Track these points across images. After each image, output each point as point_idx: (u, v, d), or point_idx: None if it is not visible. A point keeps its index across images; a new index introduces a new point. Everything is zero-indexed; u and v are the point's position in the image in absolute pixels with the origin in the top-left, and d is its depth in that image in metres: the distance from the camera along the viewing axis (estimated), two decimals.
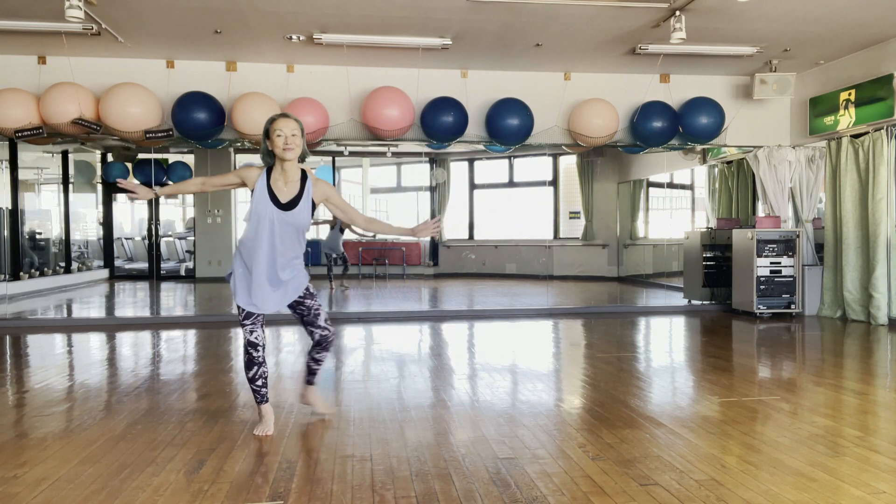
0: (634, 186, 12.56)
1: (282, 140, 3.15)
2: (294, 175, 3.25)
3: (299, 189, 3.24)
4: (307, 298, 3.36)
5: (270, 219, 3.20)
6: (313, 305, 3.37)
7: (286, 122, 3.18)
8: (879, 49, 7.02)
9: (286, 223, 3.21)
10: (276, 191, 3.22)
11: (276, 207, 3.20)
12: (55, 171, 12.26)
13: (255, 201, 3.22)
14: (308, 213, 3.25)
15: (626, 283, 12.29)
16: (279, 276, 3.24)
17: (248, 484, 2.66)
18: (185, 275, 13.54)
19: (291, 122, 3.19)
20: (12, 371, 4.98)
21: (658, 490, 2.58)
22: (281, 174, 3.23)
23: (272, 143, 3.19)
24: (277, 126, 3.17)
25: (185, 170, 13.46)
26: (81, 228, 13.36)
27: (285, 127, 3.16)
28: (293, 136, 3.16)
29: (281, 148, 3.16)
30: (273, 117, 3.21)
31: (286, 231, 3.22)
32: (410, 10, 5.97)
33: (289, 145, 3.15)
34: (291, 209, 3.21)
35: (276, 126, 3.17)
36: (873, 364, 5.06)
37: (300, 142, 3.19)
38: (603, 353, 5.60)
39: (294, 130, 3.17)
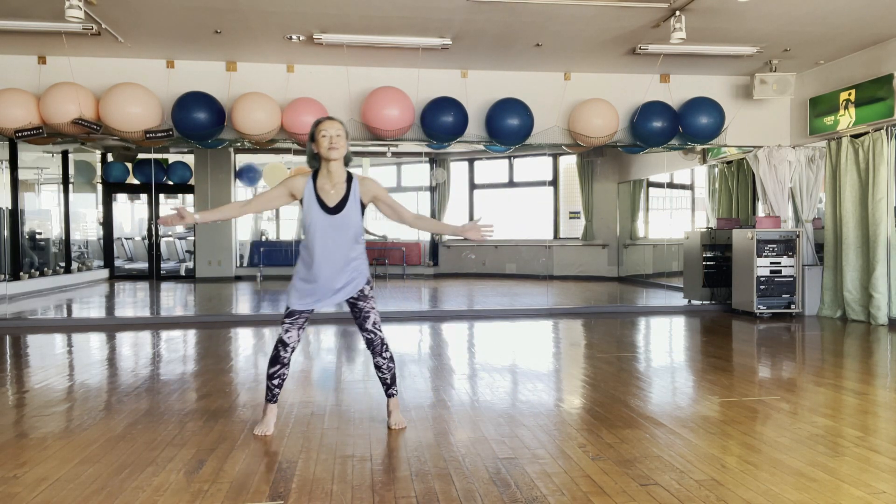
0: (634, 186, 12.56)
1: (326, 140, 3.20)
2: (340, 177, 3.29)
3: (346, 191, 3.27)
4: (360, 300, 3.35)
5: (321, 224, 3.24)
6: (365, 308, 3.36)
7: (331, 123, 3.25)
8: (879, 49, 7.02)
9: (336, 227, 3.25)
10: (322, 196, 3.26)
11: (324, 213, 3.24)
12: (55, 171, 12.26)
13: (305, 208, 3.27)
14: (357, 215, 3.28)
15: (626, 283, 12.29)
16: (338, 278, 3.28)
17: (248, 484, 2.66)
18: (185, 275, 13.54)
19: (336, 124, 3.25)
20: (12, 371, 4.98)
21: (658, 490, 2.58)
22: (327, 177, 3.27)
23: (317, 145, 3.24)
24: (322, 127, 3.23)
25: (185, 170, 13.47)
26: (81, 228, 13.37)
27: (330, 128, 3.22)
28: (337, 137, 3.21)
29: (326, 148, 3.20)
30: (318, 120, 3.28)
31: (338, 234, 3.25)
32: (410, 10, 5.97)
33: (333, 145, 3.20)
34: (339, 212, 3.25)
35: (321, 127, 3.23)
36: (873, 364, 5.06)
37: (344, 143, 3.25)
38: (603, 353, 5.60)
39: (338, 131, 3.23)
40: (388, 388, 3.50)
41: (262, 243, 14.19)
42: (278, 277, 13.14)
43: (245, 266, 13.63)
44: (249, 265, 13.62)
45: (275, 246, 14.20)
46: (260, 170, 13.41)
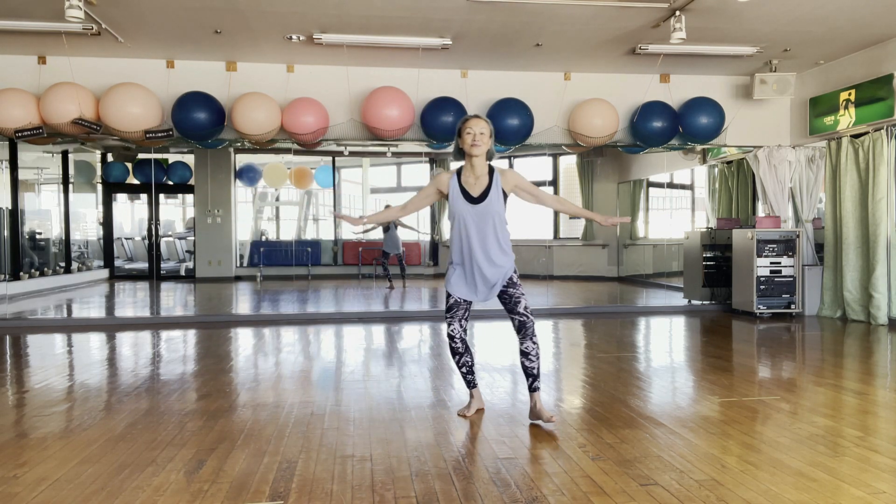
0: (634, 186, 12.56)
1: (470, 137, 3.41)
2: (482, 171, 3.49)
3: (488, 182, 3.47)
4: (510, 287, 3.52)
5: (467, 214, 3.47)
6: (515, 294, 3.52)
7: (477, 121, 3.45)
8: (879, 49, 7.02)
9: (480, 215, 3.45)
10: (467, 188, 3.48)
11: (468, 203, 3.47)
12: (55, 171, 12.26)
13: (451, 201, 3.51)
14: (500, 203, 3.47)
15: (626, 283, 12.29)
16: (489, 267, 3.48)
17: (248, 484, 2.66)
18: (185, 275, 13.54)
19: (481, 122, 3.45)
20: (12, 371, 4.98)
21: (658, 490, 2.58)
22: (470, 171, 3.50)
23: (462, 141, 3.46)
24: (468, 125, 3.44)
25: (185, 170, 13.47)
26: (81, 228, 13.37)
27: (475, 126, 3.43)
28: (481, 135, 3.41)
29: (469, 144, 3.42)
30: (465, 117, 3.48)
31: (483, 223, 3.46)
32: (410, 10, 5.97)
33: (476, 142, 3.41)
34: (482, 201, 3.45)
35: (467, 125, 3.44)
36: (873, 364, 5.06)
37: (488, 140, 3.45)
38: (603, 353, 5.60)
39: (483, 129, 3.43)
40: (535, 379, 3.56)
41: (261, 243, 14.19)
42: (278, 277, 13.15)
43: (245, 266, 13.64)
44: (249, 265, 13.62)
45: (275, 246, 14.20)
46: (260, 170, 13.42)
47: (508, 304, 3.54)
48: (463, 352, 3.61)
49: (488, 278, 3.49)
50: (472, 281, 3.53)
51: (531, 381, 3.55)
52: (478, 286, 3.53)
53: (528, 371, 3.55)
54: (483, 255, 3.47)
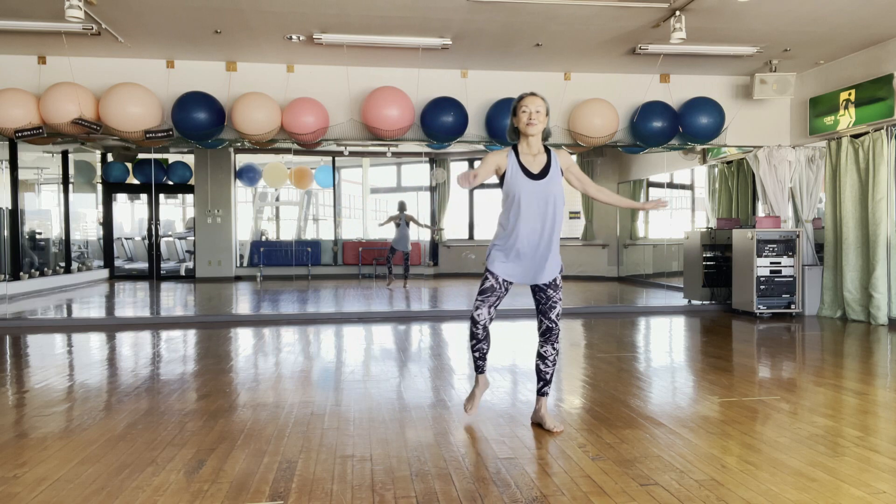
0: (634, 186, 12.56)
1: (526, 116, 3.29)
2: (539, 149, 3.38)
3: (547, 160, 3.36)
4: (551, 288, 3.42)
5: (528, 190, 3.30)
6: (553, 297, 3.43)
7: (532, 99, 3.32)
8: (879, 49, 7.02)
9: (540, 193, 3.31)
10: (526, 164, 3.34)
11: (529, 179, 3.31)
12: (55, 171, 12.26)
13: (510, 179, 3.33)
14: (560, 181, 3.36)
15: (626, 283, 12.29)
16: (537, 251, 3.33)
17: (248, 484, 2.66)
18: (185, 275, 13.54)
19: (538, 100, 3.33)
20: (12, 371, 4.98)
21: (658, 490, 2.58)
22: (527, 150, 3.37)
23: (517, 120, 3.34)
24: (524, 103, 3.32)
25: (185, 170, 13.47)
26: (81, 228, 13.37)
27: (531, 104, 3.30)
28: (537, 113, 3.30)
29: (525, 123, 3.30)
30: (521, 95, 3.35)
31: (543, 201, 3.31)
32: (410, 10, 5.97)
33: (532, 121, 3.29)
34: (543, 178, 3.32)
35: (522, 103, 3.32)
36: (873, 364, 5.06)
37: (544, 119, 3.33)
38: (603, 353, 5.60)
39: (539, 107, 3.31)
40: (546, 384, 3.50)
41: (261, 243, 14.20)
42: (278, 277, 13.15)
43: (245, 266, 13.64)
44: (249, 265, 13.63)
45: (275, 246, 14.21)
46: (260, 170, 13.42)
47: (543, 306, 3.46)
48: (483, 339, 3.52)
49: (539, 260, 3.33)
50: (522, 262, 3.35)
51: (542, 384, 3.50)
52: (527, 268, 3.36)
53: (542, 375, 3.50)
54: (539, 234, 3.30)
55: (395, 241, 11.72)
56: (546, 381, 3.49)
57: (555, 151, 3.41)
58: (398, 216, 11.70)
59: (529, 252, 3.33)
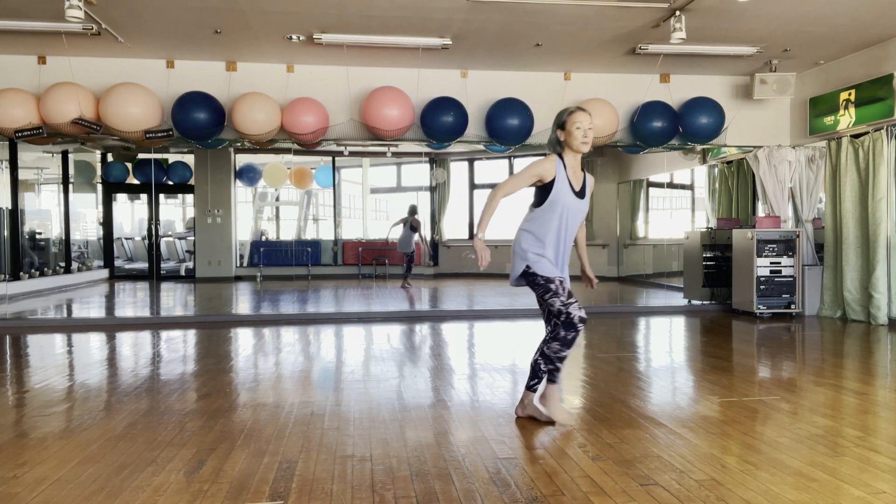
0: (634, 186, 12.57)
1: (580, 133, 3.31)
2: (579, 166, 3.44)
3: (583, 179, 3.44)
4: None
5: (571, 207, 3.36)
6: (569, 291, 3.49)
7: (585, 116, 3.34)
8: (879, 49, 7.02)
9: (578, 210, 3.41)
10: (572, 180, 3.39)
11: (574, 195, 3.37)
12: (55, 171, 12.27)
13: (559, 190, 3.34)
14: (588, 203, 3.47)
15: (626, 283, 12.29)
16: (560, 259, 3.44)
17: (248, 484, 2.66)
18: (185, 275, 13.55)
19: (589, 117, 3.36)
20: (12, 371, 4.98)
21: (658, 490, 2.58)
22: (573, 164, 3.41)
23: (569, 135, 3.33)
24: (577, 119, 3.32)
25: (185, 170, 13.48)
26: (81, 228, 13.38)
27: (584, 120, 3.32)
28: (590, 130, 3.33)
29: (580, 141, 3.32)
30: (571, 109, 3.37)
31: (576, 218, 3.42)
32: (410, 10, 5.97)
33: (587, 139, 3.33)
34: (583, 197, 3.42)
35: (575, 118, 3.32)
36: (873, 364, 5.06)
37: (592, 136, 3.37)
38: (603, 353, 5.60)
39: (591, 125, 3.34)
40: (540, 381, 3.53)
41: (261, 243, 14.20)
42: (278, 277, 13.15)
43: (245, 266, 13.65)
44: (249, 265, 13.63)
45: (275, 246, 14.21)
46: (260, 170, 13.43)
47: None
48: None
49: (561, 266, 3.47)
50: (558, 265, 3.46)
51: (536, 381, 3.52)
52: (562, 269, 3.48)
53: (539, 374, 3.51)
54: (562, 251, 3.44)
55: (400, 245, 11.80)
56: (541, 378, 3.54)
57: (589, 175, 3.51)
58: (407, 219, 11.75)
59: (559, 258, 3.45)
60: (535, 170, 3.33)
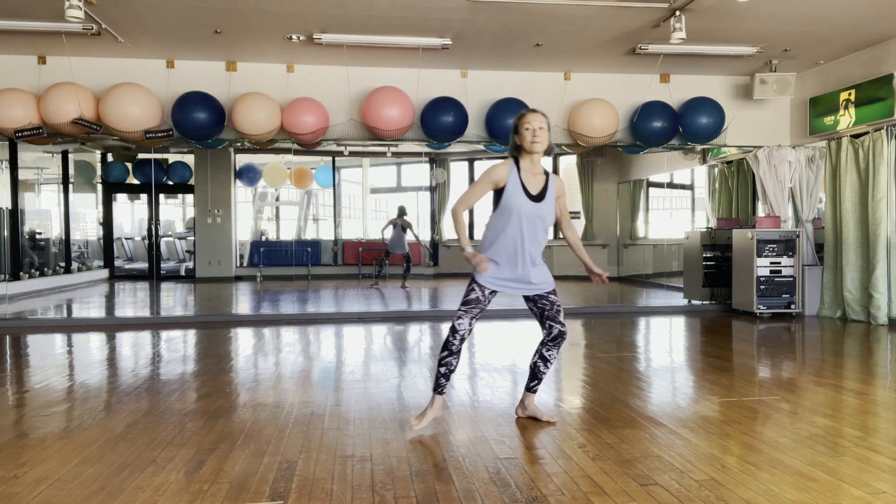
0: (634, 186, 12.56)
1: (530, 134, 3.25)
2: (539, 168, 3.35)
3: (545, 182, 3.34)
4: (552, 294, 3.43)
5: (523, 211, 3.28)
6: (556, 301, 3.44)
7: (534, 116, 3.28)
8: (879, 49, 7.02)
9: (535, 215, 3.29)
10: (526, 184, 3.30)
11: (528, 199, 3.28)
12: (55, 171, 12.26)
13: (508, 194, 3.28)
14: (552, 205, 3.34)
15: (626, 283, 12.29)
16: (528, 269, 3.33)
17: (248, 484, 2.66)
18: (185, 275, 13.54)
19: (539, 116, 3.29)
20: (12, 371, 4.98)
21: (658, 490, 2.58)
22: (530, 167, 3.33)
23: (521, 137, 3.29)
24: (526, 120, 3.28)
25: (185, 170, 13.47)
26: (81, 228, 13.37)
27: (534, 121, 3.26)
28: (540, 130, 3.25)
29: (529, 141, 3.25)
30: (522, 112, 3.33)
31: (535, 223, 3.30)
32: (410, 10, 5.97)
33: (536, 138, 3.24)
34: (541, 201, 3.30)
35: (524, 120, 3.28)
36: (873, 364, 5.06)
37: (547, 135, 3.28)
38: (603, 353, 5.60)
39: (541, 124, 3.26)
40: (540, 382, 3.53)
41: (261, 243, 14.20)
42: (278, 277, 13.15)
43: (245, 266, 13.64)
44: (249, 265, 13.62)
45: (275, 246, 14.21)
46: (260, 170, 13.42)
47: (550, 311, 3.44)
48: (456, 352, 3.43)
49: (530, 277, 3.35)
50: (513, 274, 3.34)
51: (537, 383, 3.53)
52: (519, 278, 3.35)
53: (539, 375, 3.51)
54: (530, 254, 3.33)
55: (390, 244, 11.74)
56: (541, 380, 3.55)
57: (553, 176, 3.39)
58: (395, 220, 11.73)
59: (519, 266, 3.33)
60: (488, 176, 3.32)
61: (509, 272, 3.35)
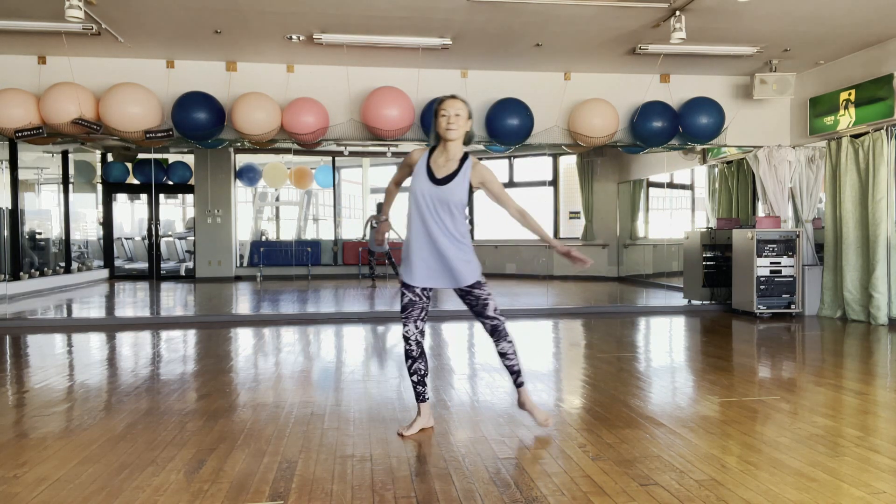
0: (634, 186, 12.56)
1: (444, 120, 3.22)
2: (455, 155, 3.29)
3: (457, 167, 3.27)
4: (476, 288, 3.33)
5: (424, 194, 3.26)
6: (482, 295, 3.34)
7: (451, 102, 3.25)
8: (879, 49, 7.02)
9: (437, 198, 3.24)
10: (433, 168, 3.28)
11: (430, 183, 3.26)
12: (55, 171, 12.26)
13: (413, 178, 3.30)
14: (462, 191, 3.25)
15: (626, 283, 12.29)
16: (445, 260, 3.27)
17: (248, 484, 2.66)
18: (185, 275, 13.54)
19: (457, 103, 3.25)
20: (12, 371, 4.98)
21: (658, 490, 2.58)
22: (442, 153, 3.30)
23: (437, 124, 3.27)
24: (443, 107, 3.25)
25: (185, 170, 13.47)
26: (81, 228, 13.37)
27: (450, 108, 3.23)
28: (456, 117, 3.21)
29: (444, 128, 3.23)
30: (440, 98, 3.30)
31: (439, 207, 3.25)
32: (410, 10, 5.97)
33: (451, 125, 3.21)
34: (445, 184, 3.24)
35: (441, 107, 3.26)
36: (873, 364, 5.06)
37: (463, 123, 3.24)
38: (603, 353, 5.60)
39: (458, 111, 3.23)
40: (518, 375, 3.46)
41: (261, 243, 14.19)
42: (278, 277, 13.15)
43: (245, 266, 13.64)
44: (249, 265, 13.62)
45: (275, 246, 14.20)
46: (260, 170, 13.42)
47: (476, 307, 3.36)
48: (417, 356, 3.39)
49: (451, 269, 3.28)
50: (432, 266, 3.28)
51: (514, 376, 3.46)
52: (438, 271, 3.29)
53: (511, 369, 3.45)
54: (434, 242, 3.25)
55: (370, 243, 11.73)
56: (517, 372, 3.45)
57: (472, 162, 3.29)
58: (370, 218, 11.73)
59: (435, 255, 3.28)
60: (405, 160, 3.36)
61: (426, 265, 3.29)
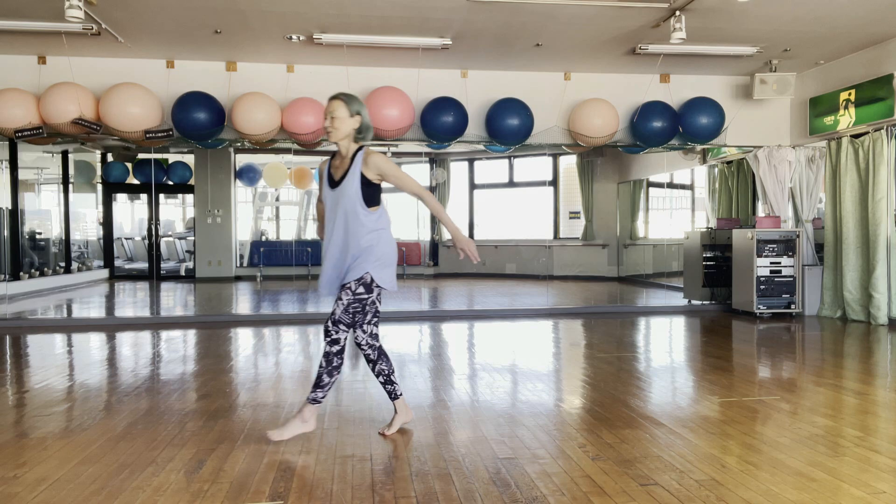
0: (634, 186, 12.56)
1: (327, 121, 3.18)
2: (348, 153, 3.22)
3: (350, 165, 3.19)
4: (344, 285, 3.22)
5: (326, 200, 3.25)
6: (342, 296, 3.22)
7: (329, 104, 3.19)
8: (879, 49, 7.02)
9: (336, 200, 3.19)
10: (332, 171, 3.25)
11: (329, 187, 3.23)
12: (55, 171, 12.26)
13: (320, 185, 3.28)
14: (354, 187, 3.12)
15: (626, 283, 12.29)
16: (344, 259, 3.21)
17: (248, 484, 2.66)
18: (185, 275, 13.54)
19: (333, 104, 3.17)
20: (12, 371, 4.98)
21: (658, 490, 2.58)
22: (338, 155, 3.26)
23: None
24: (325, 109, 3.20)
25: (185, 170, 13.47)
26: (81, 228, 13.37)
27: (327, 108, 3.19)
28: (332, 119, 3.15)
29: (325, 130, 3.20)
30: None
31: (339, 209, 3.18)
32: (410, 10, 5.97)
33: (329, 126, 3.17)
34: (338, 186, 3.18)
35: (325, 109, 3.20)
36: (873, 364, 5.06)
37: (343, 122, 3.14)
38: (603, 353, 5.60)
39: (334, 112, 3.15)
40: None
41: (261, 243, 14.19)
42: (278, 277, 13.15)
43: (245, 266, 13.64)
44: (249, 265, 13.62)
45: (275, 246, 14.20)
46: (260, 170, 13.42)
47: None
48: (376, 359, 3.33)
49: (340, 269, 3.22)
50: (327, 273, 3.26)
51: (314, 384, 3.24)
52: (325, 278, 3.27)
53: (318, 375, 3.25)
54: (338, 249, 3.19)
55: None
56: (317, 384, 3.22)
57: (363, 154, 3.16)
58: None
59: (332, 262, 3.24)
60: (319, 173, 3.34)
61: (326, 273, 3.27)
